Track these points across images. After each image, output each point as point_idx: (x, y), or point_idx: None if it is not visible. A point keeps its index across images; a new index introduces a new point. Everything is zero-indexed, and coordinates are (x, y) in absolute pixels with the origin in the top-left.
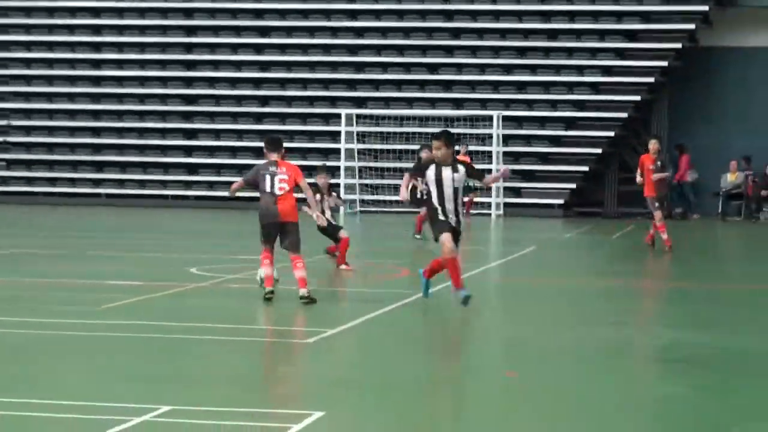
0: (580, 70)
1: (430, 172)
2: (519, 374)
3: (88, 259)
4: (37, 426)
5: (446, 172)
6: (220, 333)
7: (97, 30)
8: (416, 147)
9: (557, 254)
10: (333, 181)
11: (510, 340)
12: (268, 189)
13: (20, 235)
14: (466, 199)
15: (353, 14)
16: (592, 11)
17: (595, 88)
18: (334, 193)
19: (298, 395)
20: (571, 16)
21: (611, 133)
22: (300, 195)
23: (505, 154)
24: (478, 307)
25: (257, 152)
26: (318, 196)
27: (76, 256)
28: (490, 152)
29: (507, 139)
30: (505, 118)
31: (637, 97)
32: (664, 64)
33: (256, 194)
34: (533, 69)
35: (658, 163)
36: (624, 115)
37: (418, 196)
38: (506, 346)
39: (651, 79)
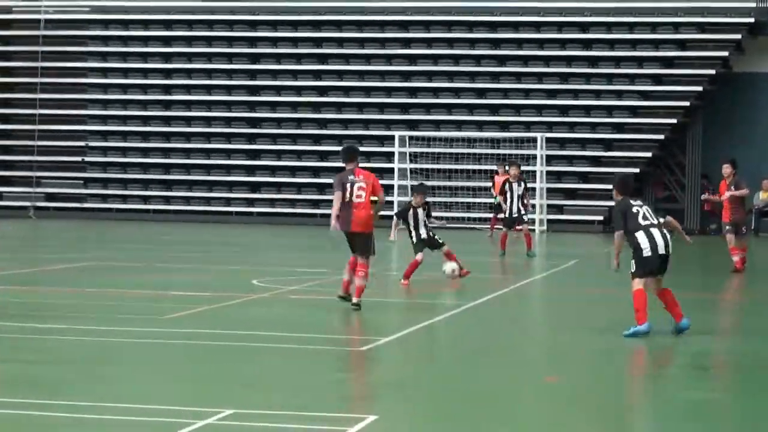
0: (619, 94)
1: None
2: (559, 379)
3: (156, 271)
4: (104, 428)
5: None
6: (279, 341)
7: (167, 58)
8: (465, 167)
9: (597, 267)
10: (387, 198)
11: (553, 347)
12: (347, 198)
13: (94, 249)
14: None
15: (407, 42)
16: (631, 39)
17: (633, 111)
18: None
19: (353, 400)
20: (611, 43)
21: (649, 154)
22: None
23: (548, 173)
24: (524, 315)
25: (315, 171)
26: (411, 211)
27: (145, 269)
28: (534, 172)
29: (550, 160)
30: (549, 140)
31: (674, 120)
32: (699, 88)
33: (314, 210)
34: (575, 93)
35: (732, 187)
36: (661, 137)
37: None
38: (549, 352)
39: (686, 103)
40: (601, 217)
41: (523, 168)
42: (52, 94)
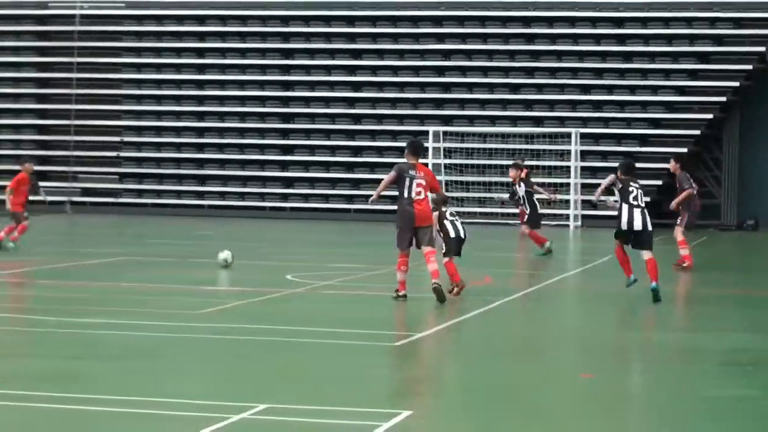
0: (654, 90)
1: None
2: (595, 376)
3: (190, 266)
4: (140, 422)
5: None
6: (313, 336)
7: (201, 53)
8: (499, 162)
9: (633, 263)
10: None
11: (587, 344)
12: (405, 194)
13: (129, 243)
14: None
15: (441, 37)
16: (666, 34)
17: (668, 106)
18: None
19: (387, 395)
20: (646, 38)
21: (685, 150)
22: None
23: (582, 169)
24: (558, 312)
25: (349, 167)
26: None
27: (179, 264)
28: (569, 167)
29: (584, 155)
30: (583, 135)
31: (710, 116)
32: (736, 84)
33: (348, 205)
34: (610, 89)
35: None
36: (697, 132)
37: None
38: (583, 349)
39: (723, 98)
40: None
41: (557, 163)
42: (87, 89)
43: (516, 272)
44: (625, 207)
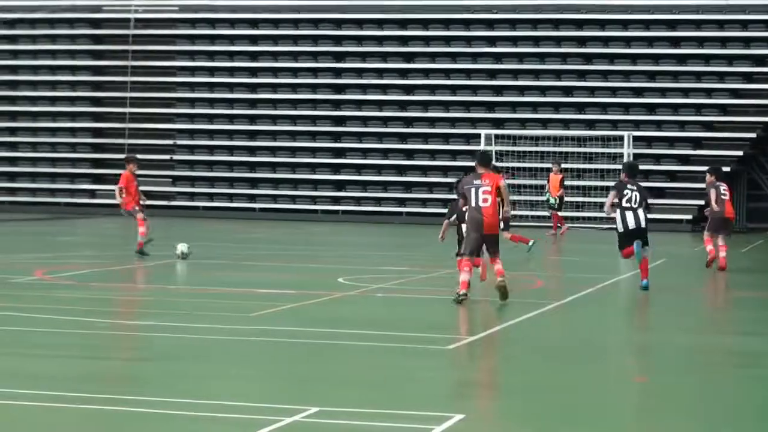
0: (708, 92)
1: None
2: (648, 379)
3: (243, 269)
4: (190, 424)
5: None
6: (365, 338)
7: (253, 56)
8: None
9: (687, 266)
10: None
11: (641, 347)
12: (473, 203)
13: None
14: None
15: (492, 41)
16: (721, 37)
17: (722, 109)
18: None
19: (440, 398)
20: (700, 41)
21: (740, 152)
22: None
23: None
24: (611, 315)
25: (401, 170)
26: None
27: (231, 266)
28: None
29: (637, 158)
30: (636, 138)
31: (766, 119)
32: None
33: (400, 209)
34: (663, 92)
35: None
36: (752, 135)
37: None
38: (637, 352)
39: None
40: (689, 216)
41: (608, 166)
42: (141, 92)
43: (568, 275)
44: (618, 211)
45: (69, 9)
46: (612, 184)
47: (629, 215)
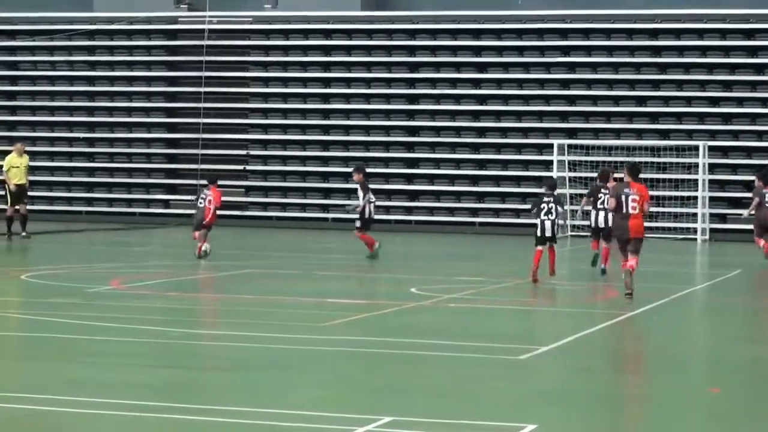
0: None
1: None
2: (722, 390)
3: (315, 279)
4: None
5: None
6: (438, 349)
7: (326, 67)
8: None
9: (761, 277)
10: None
11: (714, 358)
12: (623, 209)
13: (255, 256)
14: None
15: (566, 50)
16: None
17: None
18: None
19: (512, 408)
20: None
21: None
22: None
23: (710, 182)
24: (685, 326)
25: (474, 180)
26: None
27: (304, 276)
28: (696, 180)
29: (713, 168)
30: (711, 148)
31: None
32: None
33: (473, 219)
34: (740, 101)
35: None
36: None
37: None
38: (710, 363)
39: None
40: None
41: (684, 176)
42: (215, 103)
43: (644, 285)
44: (593, 212)
45: (146, 20)
46: (685, 194)
47: (601, 215)
